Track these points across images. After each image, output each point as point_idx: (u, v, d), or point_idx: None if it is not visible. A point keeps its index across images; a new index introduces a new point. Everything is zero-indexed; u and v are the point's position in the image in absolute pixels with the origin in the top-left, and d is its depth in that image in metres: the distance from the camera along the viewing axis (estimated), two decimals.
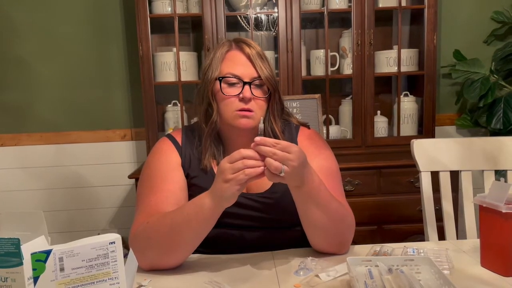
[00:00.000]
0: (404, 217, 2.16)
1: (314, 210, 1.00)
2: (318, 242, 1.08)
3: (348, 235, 1.09)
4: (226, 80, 1.10)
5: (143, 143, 2.52)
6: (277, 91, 1.14)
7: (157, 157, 1.16)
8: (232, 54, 1.12)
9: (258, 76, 1.09)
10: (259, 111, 1.11)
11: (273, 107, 1.14)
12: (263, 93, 1.11)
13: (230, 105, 1.09)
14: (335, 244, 1.08)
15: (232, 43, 1.14)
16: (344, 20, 2.42)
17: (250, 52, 1.10)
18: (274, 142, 0.89)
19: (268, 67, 1.11)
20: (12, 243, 0.67)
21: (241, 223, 1.12)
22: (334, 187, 1.11)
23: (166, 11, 2.27)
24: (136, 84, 2.47)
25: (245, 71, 1.09)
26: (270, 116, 1.15)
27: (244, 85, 1.08)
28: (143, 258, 0.99)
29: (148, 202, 1.07)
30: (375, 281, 0.87)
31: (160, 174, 1.11)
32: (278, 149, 0.89)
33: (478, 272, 0.98)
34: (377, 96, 2.45)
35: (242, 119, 1.09)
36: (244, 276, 0.99)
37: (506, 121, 2.28)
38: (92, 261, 0.71)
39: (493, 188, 0.96)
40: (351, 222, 1.09)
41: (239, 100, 1.09)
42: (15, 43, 2.47)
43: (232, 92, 1.09)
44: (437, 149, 1.39)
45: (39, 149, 2.55)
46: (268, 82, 1.10)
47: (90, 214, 2.62)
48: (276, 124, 1.16)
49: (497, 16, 2.50)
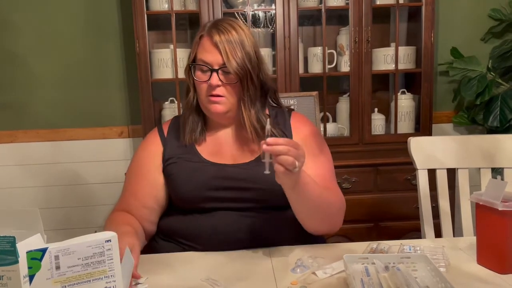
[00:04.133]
0: (400, 214, 2.17)
1: (306, 203, 1.05)
2: (309, 226, 1.12)
3: (338, 218, 1.15)
4: (198, 66, 1.14)
5: (140, 140, 2.52)
6: (250, 78, 1.12)
7: (140, 149, 1.25)
8: (204, 40, 1.14)
9: (224, 64, 1.10)
10: (230, 97, 1.14)
11: (244, 95, 1.14)
12: (232, 79, 1.12)
13: (202, 90, 1.14)
14: (326, 226, 1.14)
15: (206, 28, 1.15)
16: (341, 18, 2.41)
17: (218, 40, 1.10)
18: (286, 140, 0.91)
19: (238, 54, 1.10)
20: (7, 241, 0.66)
21: (233, 195, 1.12)
22: (323, 171, 1.16)
23: (163, 8, 2.26)
24: (133, 81, 2.46)
25: (213, 58, 1.12)
26: (241, 103, 1.14)
27: (212, 72, 1.11)
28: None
29: (125, 189, 1.22)
30: (372, 278, 0.87)
31: (139, 166, 1.22)
32: (291, 146, 0.90)
33: (474, 269, 0.98)
34: (374, 94, 2.45)
35: (213, 105, 1.14)
36: (241, 273, 0.99)
37: (503, 119, 2.28)
38: (88, 259, 0.71)
39: (490, 186, 0.97)
40: (341, 205, 1.14)
41: (207, 86, 1.12)
42: (11, 39, 2.45)
43: (203, 78, 1.13)
44: (434, 147, 1.39)
45: (35, 146, 2.53)
46: (234, 71, 1.10)
47: (87, 212, 2.61)
48: (246, 112, 1.14)
49: (494, 14, 2.50)
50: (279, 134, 1.17)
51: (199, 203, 1.12)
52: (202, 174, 1.14)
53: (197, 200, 1.12)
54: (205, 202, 1.12)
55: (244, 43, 1.12)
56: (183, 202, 1.15)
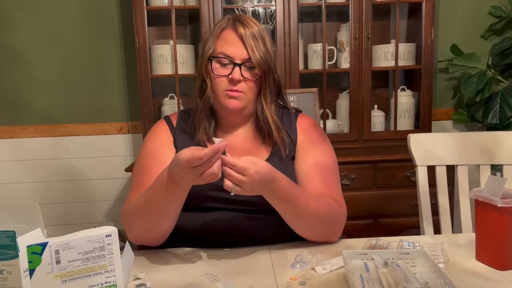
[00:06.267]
0: (400, 211, 2.18)
1: (294, 214, 1.04)
2: (305, 237, 1.11)
3: (335, 229, 1.12)
4: (218, 59, 1.10)
5: (139, 136, 2.52)
6: (272, 74, 1.13)
7: (151, 138, 1.20)
8: (227, 33, 1.11)
9: (249, 58, 1.09)
10: (249, 93, 1.12)
11: (265, 90, 1.13)
12: (254, 75, 1.11)
13: (220, 85, 1.11)
14: (323, 237, 1.12)
15: (230, 21, 1.13)
16: (341, 14, 2.41)
17: (243, 33, 1.09)
18: (232, 163, 0.90)
19: (261, 48, 1.09)
20: (8, 235, 0.66)
21: (238, 197, 1.08)
22: (328, 181, 1.13)
23: (163, 4, 2.25)
24: (133, 77, 2.46)
25: (237, 52, 1.09)
26: (261, 99, 1.14)
27: (234, 66, 1.09)
28: (130, 232, 1.08)
29: (139, 181, 1.12)
30: (371, 274, 0.88)
31: (152, 154, 1.15)
32: (234, 170, 0.90)
33: (473, 265, 0.98)
34: (374, 90, 2.45)
35: (230, 100, 1.11)
36: (240, 269, 0.99)
37: (502, 116, 2.28)
38: (88, 254, 0.71)
39: (489, 182, 0.97)
40: (339, 217, 1.11)
41: (228, 81, 1.10)
42: (10, 35, 2.44)
43: (223, 72, 1.10)
44: (433, 144, 1.39)
45: (34, 141, 2.53)
46: (258, 65, 1.09)
47: (87, 207, 2.61)
48: (267, 107, 1.14)
49: (495, 11, 2.50)
50: (285, 136, 1.16)
51: (203, 202, 1.11)
52: None
53: (202, 199, 1.11)
54: (209, 201, 1.11)
55: (265, 38, 1.12)
56: (188, 199, 1.13)
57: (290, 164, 1.17)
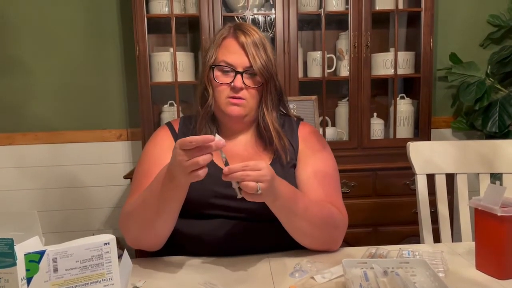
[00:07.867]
0: (399, 219, 2.17)
1: (294, 219, 1.03)
2: (306, 244, 1.10)
3: (336, 236, 1.11)
4: (220, 68, 1.12)
5: (139, 143, 2.52)
6: (273, 81, 1.14)
7: (153, 143, 1.19)
8: (228, 42, 1.12)
9: (250, 66, 1.10)
10: (251, 100, 1.12)
11: (267, 97, 1.14)
12: (256, 82, 1.12)
13: (222, 92, 1.12)
14: (323, 245, 1.11)
15: (231, 29, 1.14)
16: (341, 22, 2.42)
17: (244, 41, 1.10)
18: (243, 166, 0.89)
19: (263, 56, 1.10)
20: (5, 243, 0.66)
21: (239, 205, 1.09)
22: (328, 189, 1.13)
23: (163, 11, 2.26)
24: (133, 84, 2.46)
25: (238, 60, 1.10)
26: (263, 106, 1.15)
27: (236, 74, 1.10)
28: (127, 235, 1.07)
29: (139, 185, 1.11)
30: (371, 283, 0.87)
31: (153, 159, 1.15)
32: (248, 170, 0.89)
33: (473, 274, 0.98)
34: (374, 98, 2.45)
35: (233, 107, 1.11)
36: (239, 277, 0.98)
37: (502, 124, 2.29)
38: (86, 262, 0.71)
39: (489, 191, 0.97)
40: (340, 223, 1.10)
41: (230, 89, 1.11)
42: (10, 42, 2.45)
43: (225, 80, 1.11)
44: (433, 152, 1.39)
45: (33, 148, 2.53)
46: (260, 73, 1.10)
47: (85, 215, 2.60)
48: (268, 114, 1.15)
49: (493, 20, 2.51)
50: (286, 143, 1.17)
51: (204, 209, 1.11)
52: (213, 181, 1.06)
53: (203, 206, 1.10)
54: (209, 208, 1.10)
55: (266, 46, 1.13)
56: (188, 205, 1.13)
57: (291, 172, 1.17)
